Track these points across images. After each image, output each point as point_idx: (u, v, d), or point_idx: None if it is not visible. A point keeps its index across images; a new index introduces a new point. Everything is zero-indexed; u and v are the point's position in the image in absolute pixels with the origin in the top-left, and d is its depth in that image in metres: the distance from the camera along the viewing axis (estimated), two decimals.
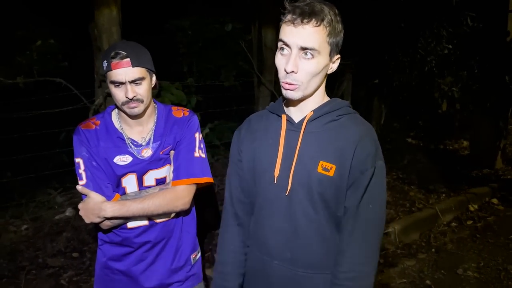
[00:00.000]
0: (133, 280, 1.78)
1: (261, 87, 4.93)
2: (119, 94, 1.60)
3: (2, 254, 3.25)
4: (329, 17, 1.19)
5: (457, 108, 7.11)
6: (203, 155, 1.77)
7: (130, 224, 1.71)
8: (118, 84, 1.58)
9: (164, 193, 1.67)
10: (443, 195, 4.96)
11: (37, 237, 3.48)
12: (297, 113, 1.33)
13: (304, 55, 1.19)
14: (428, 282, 3.38)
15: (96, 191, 1.63)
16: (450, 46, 5.61)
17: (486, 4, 5.48)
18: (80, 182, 1.65)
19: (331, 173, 1.24)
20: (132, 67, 1.57)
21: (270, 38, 4.76)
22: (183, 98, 4.00)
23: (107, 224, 1.64)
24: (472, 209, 4.80)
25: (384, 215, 1.31)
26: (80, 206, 1.63)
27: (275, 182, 1.31)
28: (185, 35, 5.24)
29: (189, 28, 5.20)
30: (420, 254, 3.82)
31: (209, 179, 1.75)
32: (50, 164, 4.17)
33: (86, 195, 1.64)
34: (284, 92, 1.25)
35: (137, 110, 1.63)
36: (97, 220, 1.61)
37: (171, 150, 1.74)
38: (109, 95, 3.50)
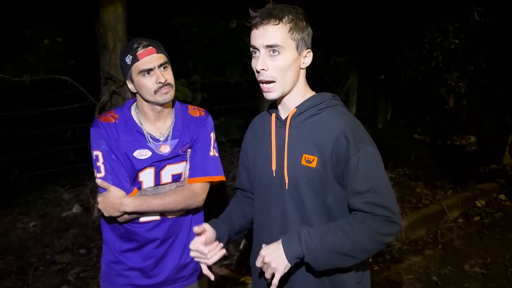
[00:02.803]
0: (140, 276, 1.79)
1: None
2: (149, 82, 1.62)
3: (10, 251, 3.29)
4: (289, 15, 1.29)
5: (464, 103, 7.07)
6: (217, 154, 1.82)
7: (143, 218, 1.72)
8: (148, 71, 1.61)
9: (182, 190, 1.72)
10: (450, 191, 4.93)
11: (45, 234, 3.52)
12: (283, 111, 1.43)
13: (272, 53, 1.29)
14: (434, 278, 3.37)
15: (116, 185, 1.64)
16: (457, 41, 5.57)
17: None
18: (98, 175, 1.65)
19: (313, 165, 1.33)
20: (157, 53, 1.64)
21: None
22: (188, 95, 4.00)
23: (124, 217, 1.66)
24: (479, 205, 4.77)
25: (390, 196, 1.32)
26: (99, 199, 1.64)
27: (274, 175, 1.42)
28: (190, 32, 5.23)
29: (194, 25, 5.19)
30: (426, 250, 3.81)
31: (222, 177, 1.80)
32: (57, 162, 4.19)
33: (105, 189, 1.65)
34: (264, 95, 1.36)
35: (169, 96, 1.66)
36: (117, 214, 1.62)
37: (188, 148, 1.78)
38: (115, 92, 3.52)
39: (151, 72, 1.62)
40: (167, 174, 1.74)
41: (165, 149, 1.72)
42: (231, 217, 1.54)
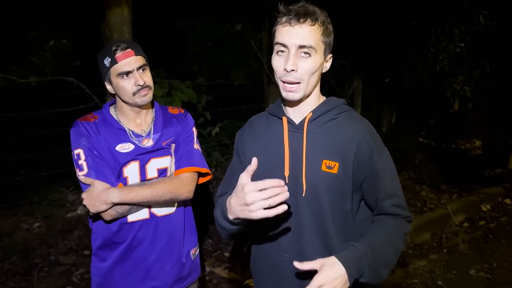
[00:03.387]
0: (137, 280, 1.75)
1: (271, 86, 4.92)
2: (127, 85, 1.63)
3: (15, 252, 3.30)
4: (322, 17, 1.27)
5: (469, 107, 7.05)
6: (200, 149, 1.84)
7: (131, 218, 1.68)
8: (126, 73, 1.62)
9: (170, 179, 1.69)
10: (455, 195, 4.91)
11: (49, 235, 3.52)
12: (296, 115, 1.38)
13: (303, 54, 1.25)
14: (439, 282, 3.35)
15: (100, 179, 1.60)
16: (463, 45, 5.54)
17: (499, 2, 5.41)
18: (81, 173, 1.61)
19: (334, 170, 1.30)
20: (135, 55, 1.64)
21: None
22: (193, 97, 4.01)
23: (111, 213, 1.60)
24: (484, 209, 4.74)
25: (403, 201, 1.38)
26: (84, 195, 1.58)
27: (287, 181, 1.33)
28: (195, 34, 5.24)
29: (199, 28, 5.20)
30: (431, 255, 3.79)
31: (208, 170, 1.79)
32: (62, 163, 4.20)
33: (88, 185, 1.60)
34: (284, 94, 1.30)
35: (148, 98, 1.67)
36: (103, 207, 1.56)
37: (172, 143, 1.78)
38: None
39: (129, 75, 1.63)
40: (152, 168, 1.72)
41: (148, 143, 1.71)
42: None
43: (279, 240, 1.38)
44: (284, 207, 1.13)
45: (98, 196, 1.56)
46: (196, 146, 1.81)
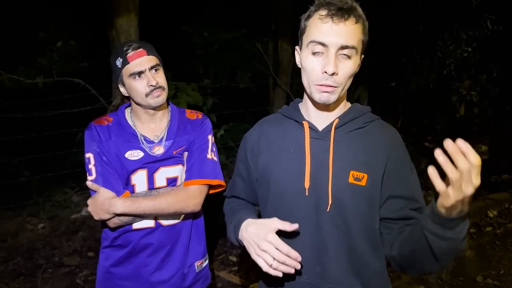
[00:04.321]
0: (136, 286, 1.73)
1: (276, 89, 4.91)
2: (140, 85, 1.58)
3: (20, 252, 3.30)
4: (362, 14, 1.13)
5: (475, 112, 7.01)
6: (215, 158, 1.74)
7: (136, 225, 1.66)
8: (139, 74, 1.58)
9: (176, 191, 1.63)
10: None
11: (54, 236, 3.52)
12: (320, 120, 1.24)
13: (344, 54, 1.11)
14: None
15: (106, 186, 1.59)
16: (470, 49, 5.52)
17: (506, 7, 5.38)
18: (89, 178, 1.61)
19: (363, 183, 1.16)
20: (148, 55, 1.59)
21: (286, 40, 4.74)
22: (199, 99, 4.00)
23: (115, 222, 1.60)
24: (491, 215, 4.70)
25: None
26: (89, 201, 1.59)
27: (306, 194, 1.20)
28: (201, 37, 5.25)
29: (205, 30, 5.21)
30: None
31: (220, 181, 1.71)
32: (67, 164, 4.21)
33: (95, 191, 1.60)
34: (318, 96, 1.15)
35: (161, 99, 1.62)
36: (106, 216, 1.56)
37: (185, 151, 1.72)
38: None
39: (142, 75, 1.58)
40: (161, 177, 1.67)
41: (159, 150, 1.66)
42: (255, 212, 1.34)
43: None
44: (279, 273, 1.07)
45: (101, 204, 1.56)
46: (210, 155, 1.71)
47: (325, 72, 1.10)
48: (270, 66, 4.96)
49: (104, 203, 1.55)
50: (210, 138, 1.74)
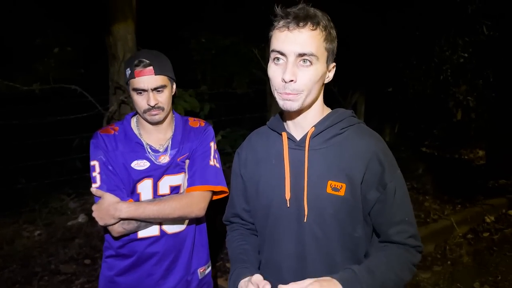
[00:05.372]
0: None
1: (273, 95, 4.92)
2: (141, 101, 1.61)
3: (15, 260, 3.28)
4: (324, 21, 1.13)
5: (472, 117, 7.03)
6: (218, 165, 1.76)
7: (141, 234, 1.68)
8: (141, 91, 1.60)
9: (180, 197, 1.66)
10: (459, 205, 4.87)
11: (50, 243, 3.50)
12: (297, 129, 1.25)
13: (302, 62, 1.11)
14: None
15: (111, 193, 1.61)
16: (466, 55, 5.54)
17: (502, 12, 5.41)
18: (94, 185, 1.63)
19: (341, 193, 1.16)
20: (155, 75, 1.59)
21: None
22: (196, 106, 4.01)
23: (119, 230, 1.61)
24: (488, 220, 4.69)
25: (415, 223, 1.25)
26: (94, 207, 1.61)
27: (288, 205, 1.21)
28: (198, 43, 5.26)
29: (203, 36, 5.22)
30: (435, 267, 3.74)
31: (223, 188, 1.73)
32: (64, 170, 4.20)
33: (100, 197, 1.62)
34: (281, 103, 1.15)
35: (157, 118, 1.64)
36: (111, 221, 1.57)
37: (187, 159, 1.73)
38: (123, 102, 3.52)
39: (143, 93, 1.60)
40: (164, 185, 1.70)
41: (164, 159, 1.69)
42: (254, 263, 1.31)
43: (281, 268, 1.26)
44: None
45: (106, 210, 1.57)
46: (213, 162, 1.74)
47: (283, 79, 1.11)
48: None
49: (109, 208, 1.57)
50: (213, 145, 1.77)
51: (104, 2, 3.47)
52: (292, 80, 1.11)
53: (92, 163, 1.65)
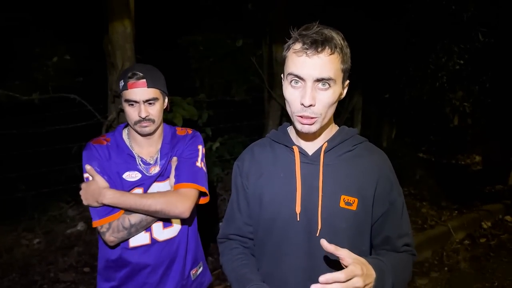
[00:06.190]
0: None
1: (271, 102, 4.94)
2: (132, 113, 1.65)
3: (14, 268, 3.28)
4: (340, 43, 1.13)
5: (468, 122, 7.08)
6: (205, 169, 1.78)
7: (132, 243, 1.70)
8: (133, 103, 1.64)
9: (166, 192, 1.68)
10: (456, 211, 4.90)
11: (49, 251, 3.51)
12: (309, 144, 1.26)
13: (321, 85, 1.11)
14: None
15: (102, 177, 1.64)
16: (462, 62, 5.59)
17: (497, 20, 5.47)
18: (87, 166, 1.66)
19: (353, 207, 1.19)
20: (147, 87, 1.63)
21: (281, 53, 4.74)
22: (194, 113, 4.02)
23: (110, 240, 1.63)
24: (485, 226, 4.72)
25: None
26: (82, 185, 1.64)
27: (298, 219, 1.21)
28: (197, 50, 5.29)
29: (201, 44, 5.25)
30: (432, 273, 3.77)
31: (207, 191, 1.73)
32: (62, 178, 4.20)
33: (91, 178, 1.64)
34: (299, 126, 1.16)
35: (148, 130, 1.67)
36: (94, 204, 1.60)
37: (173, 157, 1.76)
38: (122, 111, 3.54)
39: (135, 104, 1.64)
40: (153, 191, 1.71)
41: (155, 170, 1.72)
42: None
43: (287, 282, 1.25)
44: None
45: (92, 191, 1.61)
46: (200, 164, 1.75)
47: (302, 104, 1.12)
48: (265, 79, 4.99)
49: (95, 191, 1.60)
50: (201, 148, 1.79)
51: (103, 11, 3.50)
52: (311, 105, 1.12)
53: (85, 175, 1.66)
